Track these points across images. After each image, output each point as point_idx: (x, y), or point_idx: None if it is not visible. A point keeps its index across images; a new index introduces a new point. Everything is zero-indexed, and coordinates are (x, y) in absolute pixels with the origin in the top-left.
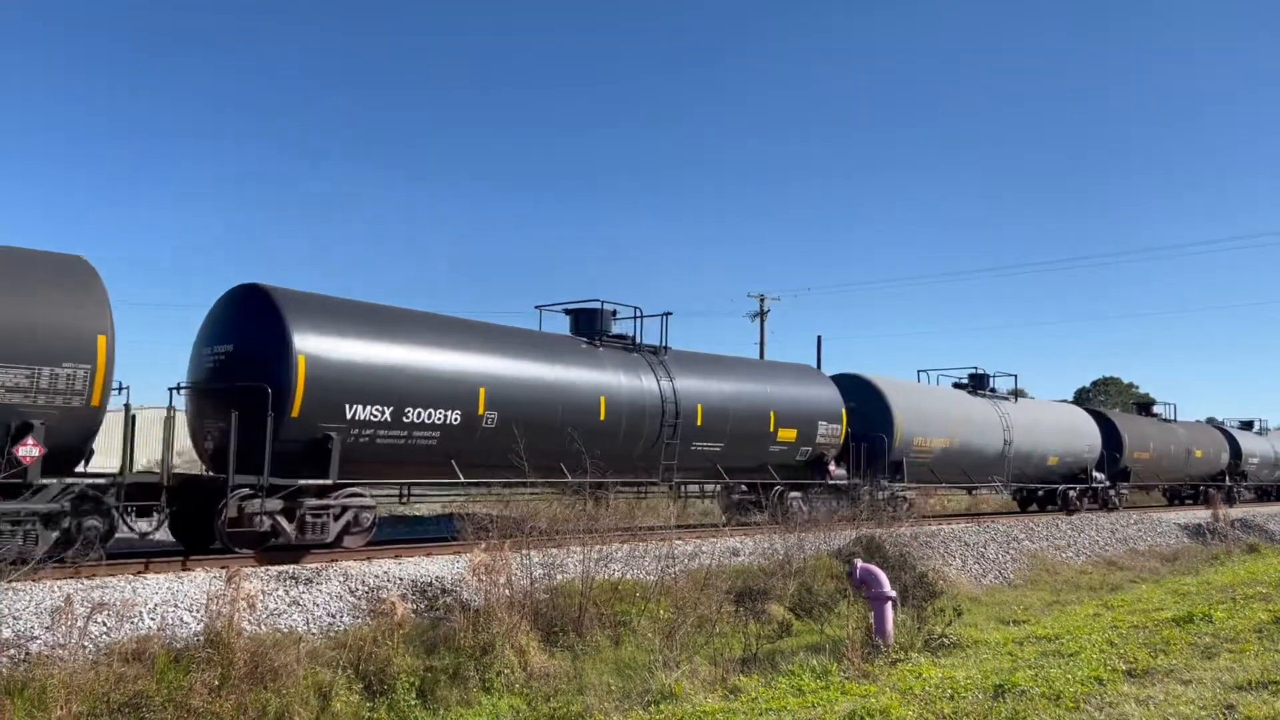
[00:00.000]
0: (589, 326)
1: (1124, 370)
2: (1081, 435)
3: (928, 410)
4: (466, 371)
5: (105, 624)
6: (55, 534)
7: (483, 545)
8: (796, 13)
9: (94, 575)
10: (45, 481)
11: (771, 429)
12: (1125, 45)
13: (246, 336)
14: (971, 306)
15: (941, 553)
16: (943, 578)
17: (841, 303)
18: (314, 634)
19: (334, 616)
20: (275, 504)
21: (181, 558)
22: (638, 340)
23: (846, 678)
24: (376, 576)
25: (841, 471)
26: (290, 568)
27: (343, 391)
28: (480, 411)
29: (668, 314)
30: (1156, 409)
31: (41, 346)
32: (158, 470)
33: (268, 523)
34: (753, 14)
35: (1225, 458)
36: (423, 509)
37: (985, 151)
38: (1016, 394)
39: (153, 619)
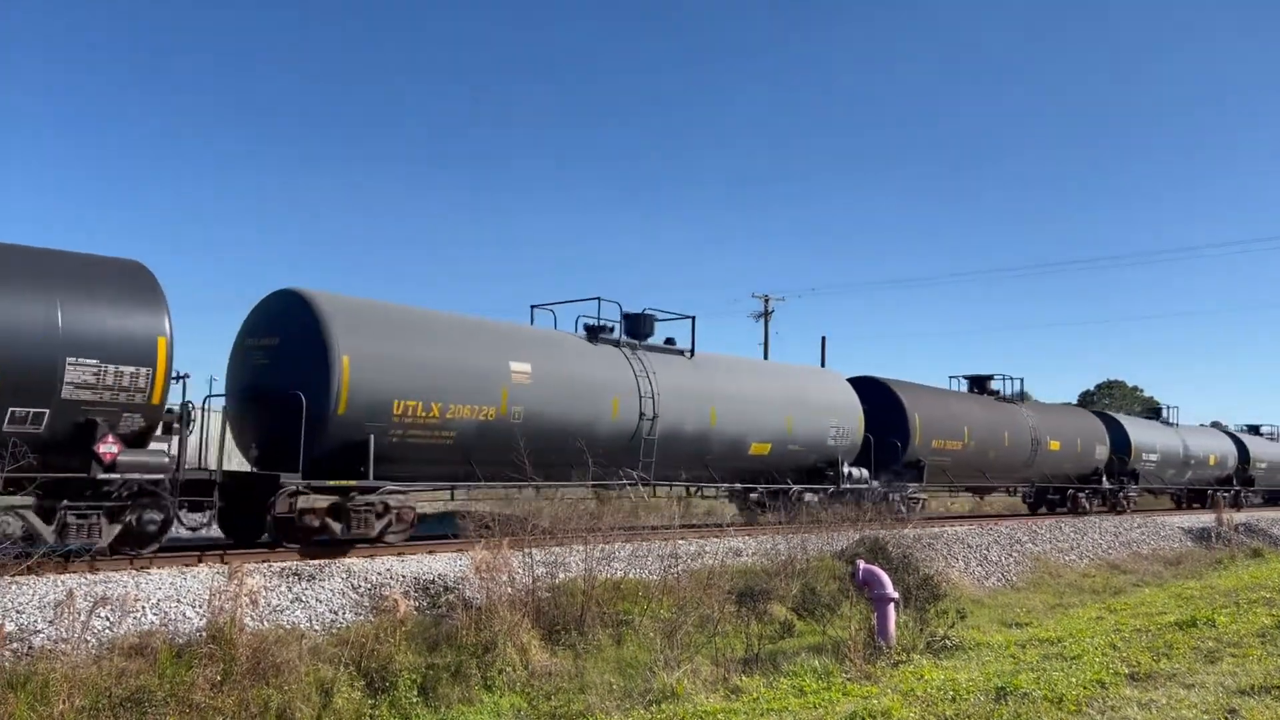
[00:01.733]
0: None
1: (1130, 374)
2: (824, 412)
3: (435, 361)
4: None
5: (108, 619)
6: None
7: (484, 543)
8: (801, 11)
9: (98, 570)
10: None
11: None
12: (1133, 45)
13: None
14: (976, 308)
15: (944, 555)
16: (945, 580)
17: (847, 304)
18: (316, 630)
19: (336, 613)
20: None
21: (193, 553)
22: None
23: (848, 679)
24: (379, 574)
25: (139, 459)
26: (294, 564)
27: None
28: None
29: None
30: (996, 385)
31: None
32: None
33: None
34: (758, 12)
35: (1103, 452)
36: (426, 507)
37: (992, 152)
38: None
39: (156, 614)
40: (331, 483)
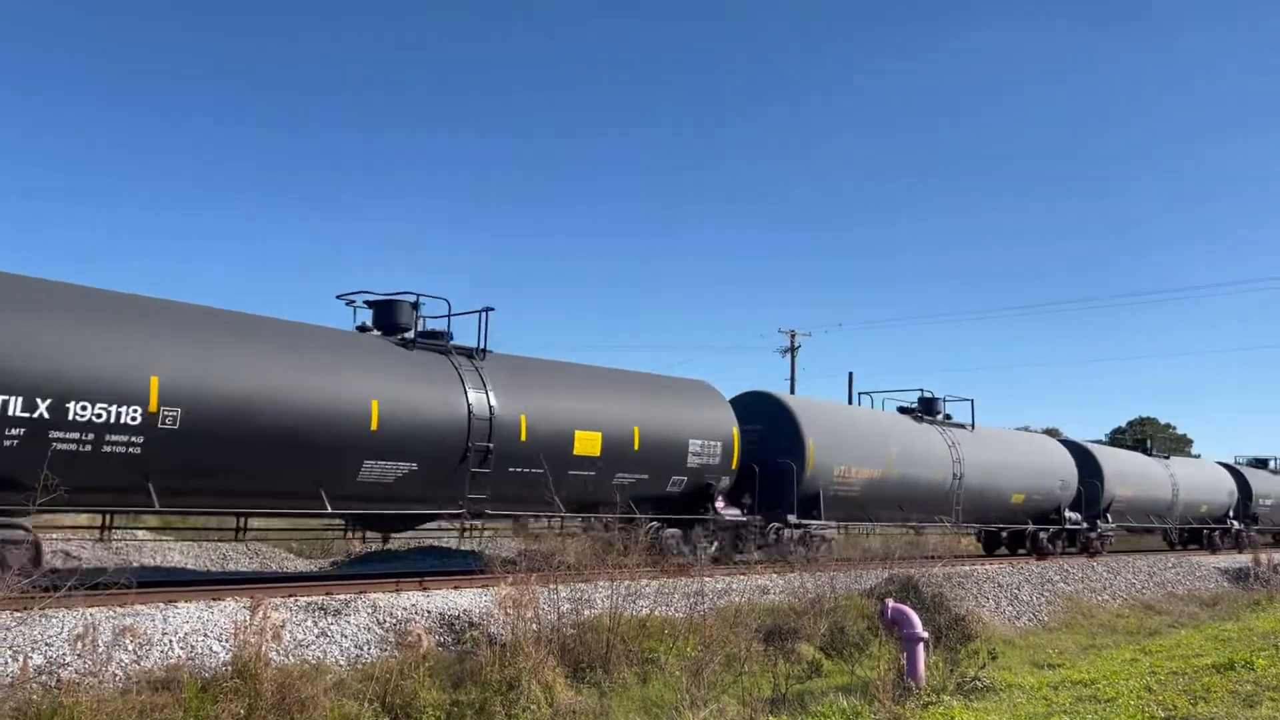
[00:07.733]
0: None
1: (1164, 411)
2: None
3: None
4: None
5: (136, 652)
6: None
7: (510, 579)
8: (828, 46)
9: (127, 604)
10: None
11: None
12: (1164, 78)
13: None
14: (1007, 344)
15: (975, 594)
16: (977, 619)
17: (874, 339)
18: (341, 665)
19: (361, 648)
20: None
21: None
22: None
23: (877, 719)
24: (404, 609)
25: None
26: (320, 599)
27: None
28: None
29: None
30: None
31: None
32: None
33: None
34: (786, 47)
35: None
36: (451, 541)
37: (1021, 187)
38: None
39: (183, 648)
40: None
